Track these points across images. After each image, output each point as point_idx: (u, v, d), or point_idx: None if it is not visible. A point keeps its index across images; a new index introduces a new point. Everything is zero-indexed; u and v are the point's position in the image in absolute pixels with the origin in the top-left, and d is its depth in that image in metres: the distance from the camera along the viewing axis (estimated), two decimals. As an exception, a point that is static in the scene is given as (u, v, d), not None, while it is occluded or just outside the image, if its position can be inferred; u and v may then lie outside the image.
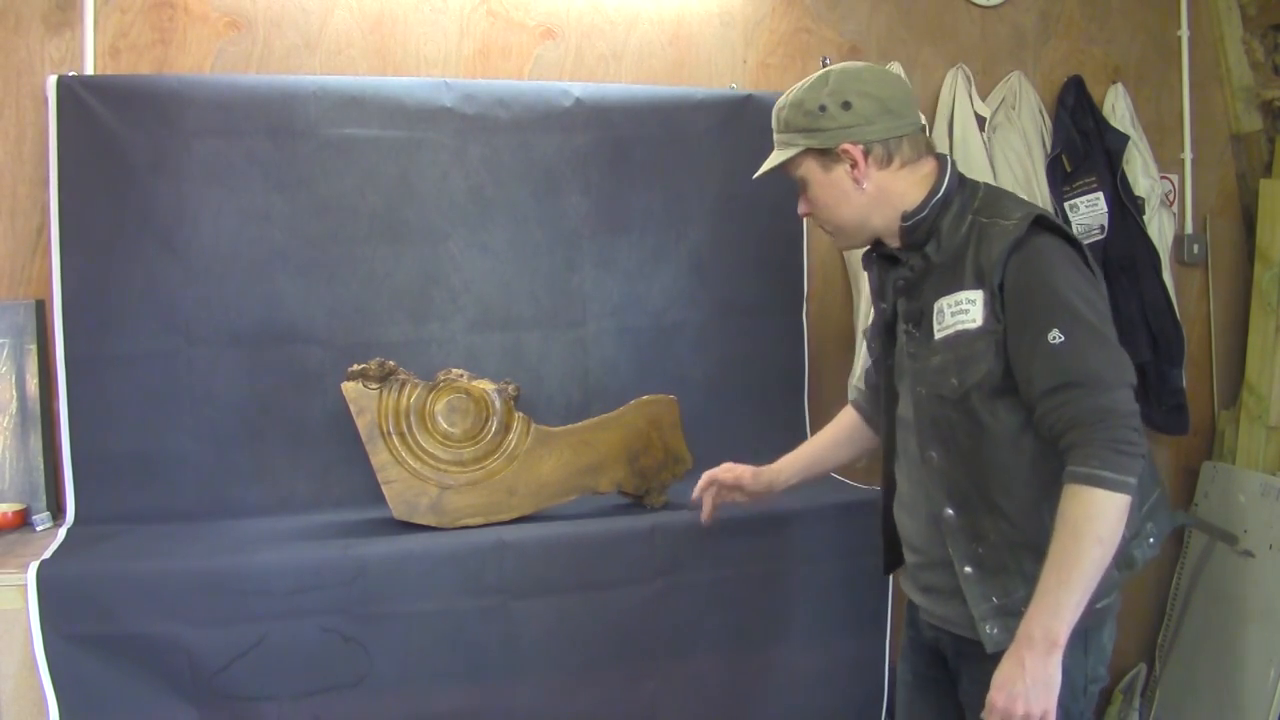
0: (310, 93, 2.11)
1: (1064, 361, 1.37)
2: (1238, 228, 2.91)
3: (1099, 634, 1.52)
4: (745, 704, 2.00)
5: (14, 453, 2.02)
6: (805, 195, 1.59)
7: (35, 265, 2.07)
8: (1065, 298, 1.39)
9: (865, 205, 1.54)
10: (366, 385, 1.90)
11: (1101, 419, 1.35)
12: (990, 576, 1.49)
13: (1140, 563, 1.53)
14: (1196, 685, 2.69)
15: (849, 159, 1.51)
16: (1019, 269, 1.42)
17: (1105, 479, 1.33)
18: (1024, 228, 1.42)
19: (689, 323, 2.35)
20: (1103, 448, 1.34)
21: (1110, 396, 1.36)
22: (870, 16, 2.57)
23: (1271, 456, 2.71)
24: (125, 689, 1.68)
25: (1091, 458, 1.34)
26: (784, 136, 1.57)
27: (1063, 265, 1.42)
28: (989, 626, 1.48)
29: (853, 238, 1.60)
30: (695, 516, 1.97)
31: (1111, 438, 1.34)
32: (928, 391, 1.51)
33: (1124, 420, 1.36)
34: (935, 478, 1.52)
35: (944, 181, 1.52)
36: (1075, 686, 1.49)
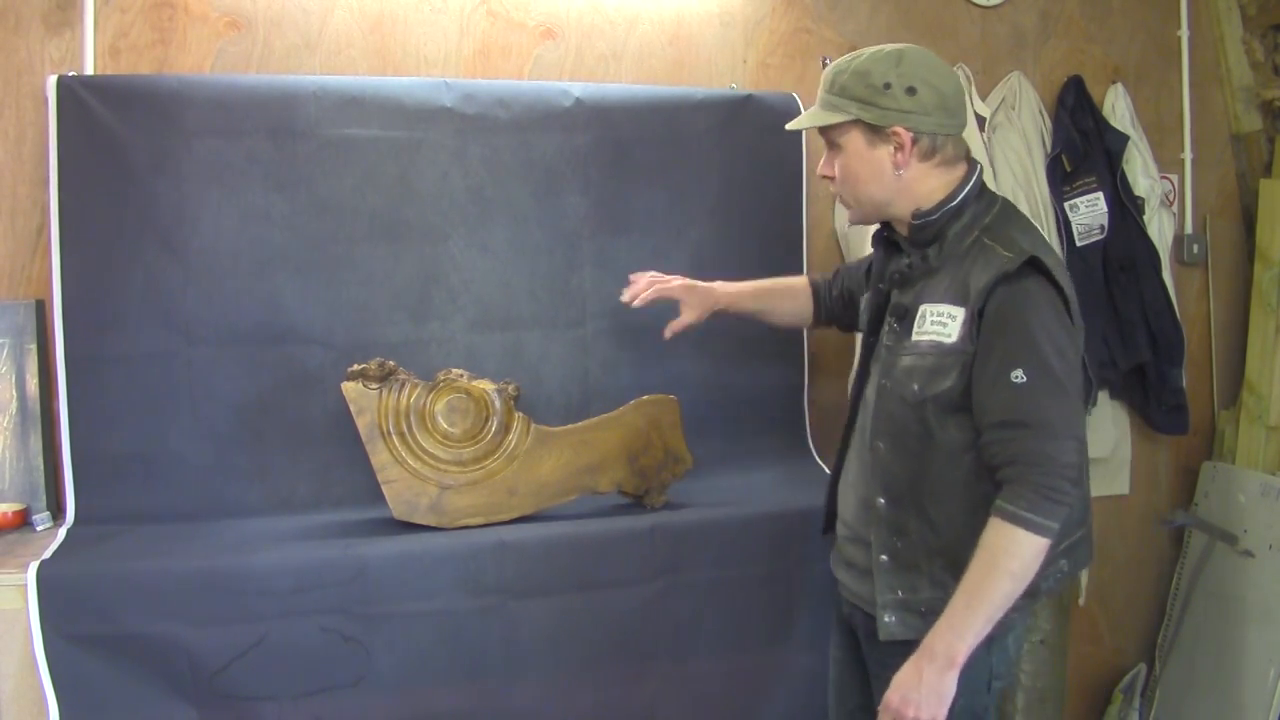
0: (310, 93, 2.11)
1: (1020, 401, 1.43)
2: (1238, 228, 2.91)
3: (1003, 637, 1.56)
4: (745, 704, 2.00)
5: (14, 453, 2.02)
6: (835, 161, 1.60)
7: (35, 265, 2.07)
8: (1037, 341, 1.43)
9: (894, 190, 1.56)
10: (366, 385, 1.90)
11: (1040, 463, 1.41)
12: (901, 571, 1.57)
13: (1043, 591, 1.58)
14: (1196, 685, 2.69)
15: (896, 142, 1.53)
16: (1001, 301, 1.46)
17: (1029, 520, 1.40)
18: (1016, 264, 1.45)
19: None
20: (1034, 491, 1.41)
21: (1055, 445, 1.42)
22: (870, 16, 2.57)
23: (1271, 456, 2.71)
24: (125, 689, 1.68)
25: (1021, 498, 1.41)
26: (836, 99, 1.56)
27: (1043, 310, 1.45)
28: (887, 615, 1.57)
29: (867, 215, 1.64)
30: (695, 516, 1.98)
31: (1045, 484, 1.41)
32: (890, 387, 1.57)
33: (1061, 470, 1.41)
34: (877, 467, 1.59)
35: (963, 190, 1.55)
36: (977, 683, 1.55)
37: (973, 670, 1.51)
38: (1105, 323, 2.61)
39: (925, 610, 1.54)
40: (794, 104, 2.42)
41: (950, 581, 1.50)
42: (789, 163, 2.42)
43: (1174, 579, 2.84)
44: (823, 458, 2.42)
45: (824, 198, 2.52)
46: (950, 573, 1.51)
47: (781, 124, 2.51)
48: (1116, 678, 2.85)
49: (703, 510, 2.01)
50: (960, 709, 1.51)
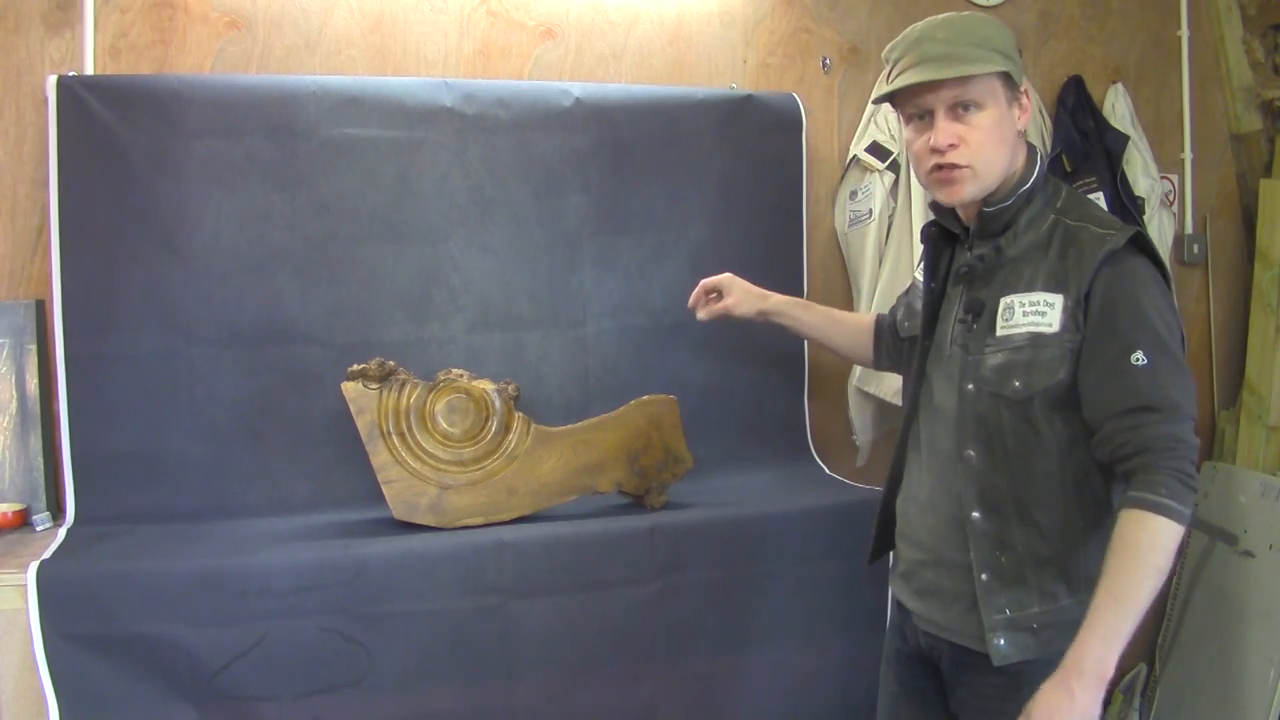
0: (310, 93, 2.11)
1: (1144, 384, 1.34)
2: (1238, 228, 2.91)
3: None
4: (745, 704, 2.00)
5: (14, 453, 2.02)
6: (962, 122, 1.42)
7: (35, 265, 2.07)
8: (1153, 321, 1.36)
9: (1013, 155, 1.46)
10: (366, 385, 1.90)
11: (1172, 448, 1.33)
12: (1007, 588, 1.44)
13: None
14: (1196, 685, 2.69)
15: (1023, 105, 1.45)
16: (1110, 283, 1.37)
17: (1171, 509, 1.30)
18: (1121, 241, 1.37)
19: (689, 323, 2.34)
20: (1171, 477, 1.31)
21: (1183, 427, 1.34)
22: (870, 16, 2.57)
23: (1271, 456, 2.71)
24: (125, 689, 1.67)
25: (1160, 485, 1.30)
26: (979, 50, 1.40)
27: (1152, 288, 1.38)
28: (999, 639, 1.43)
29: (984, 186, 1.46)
30: (695, 516, 1.98)
31: (1179, 468, 1.32)
32: (981, 389, 1.45)
33: (1191, 453, 1.34)
34: (969, 477, 1.46)
35: (1034, 173, 1.47)
36: None
37: None
38: (1105, 323, 2.60)
39: (1038, 627, 1.43)
40: (794, 104, 2.42)
41: (1061, 591, 1.43)
42: (789, 163, 2.42)
43: (1174, 579, 2.84)
44: (823, 458, 2.42)
45: (824, 198, 2.52)
46: (1061, 582, 1.43)
47: (782, 124, 2.51)
48: (1117, 678, 2.84)
49: (703, 510, 2.01)
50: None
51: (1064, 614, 1.42)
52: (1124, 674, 2.84)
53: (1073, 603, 1.42)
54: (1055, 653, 1.36)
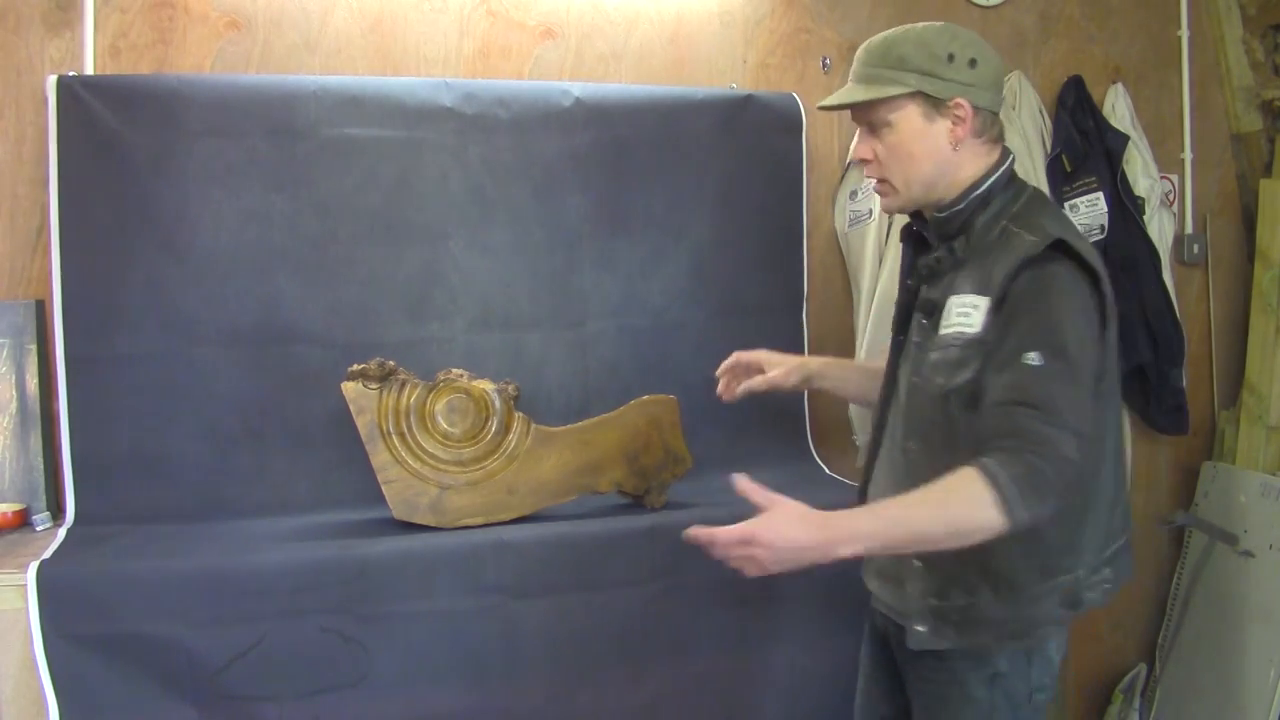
0: (310, 93, 2.11)
1: (1029, 383, 1.33)
2: (1238, 228, 2.91)
3: (1045, 648, 1.50)
4: (745, 704, 2.00)
5: (14, 453, 2.02)
6: (878, 140, 1.49)
7: (35, 265, 2.07)
8: (1059, 327, 1.35)
9: (945, 167, 1.48)
10: (366, 385, 1.90)
11: (1037, 446, 1.30)
12: (934, 578, 1.48)
13: (1085, 605, 1.48)
14: (1196, 685, 2.69)
15: (956, 115, 1.46)
16: (1024, 285, 1.38)
17: (1004, 493, 1.27)
18: (1040, 248, 1.38)
19: (689, 323, 2.35)
20: (1023, 468, 1.29)
21: (1060, 434, 1.30)
22: (870, 16, 2.57)
23: (1271, 456, 2.71)
24: (125, 689, 1.67)
25: (1010, 466, 1.29)
26: (890, 72, 1.46)
27: (1068, 294, 1.37)
28: (919, 623, 1.49)
29: (911, 199, 1.52)
30: (695, 517, 1.97)
31: (1038, 468, 1.29)
32: (919, 384, 1.50)
33: (1057, 461, 1.30)
34: (910, 469, 1.50)
35: (989, 178, 1.48)
36: (1017, 697, 1.49)
37: (1012, 682, 1.46)
38: (1105, 323, 2.60)
39: (958, 620, 1.47)
40: (794, 104, 2.42)
41: (982, 587, 1.45)
42: (789, 163, 2.42)
43: (1174, 579, 2.84)
44: (823, 458, 2.42)
45: (824, 198, 2.52)
46: (983, 579, 1.45)
47: (782, 124, 2.51)
48: (1116, 678, 2.85)
49: (703, 510, 2.00)
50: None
51: (984, 610, 1.45)
52: (1124, 674, 2.84)
53: (993, 600, 1.45)
54: (975, 645, 1.44)
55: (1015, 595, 1.44)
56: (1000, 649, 1.47)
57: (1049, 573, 1.44)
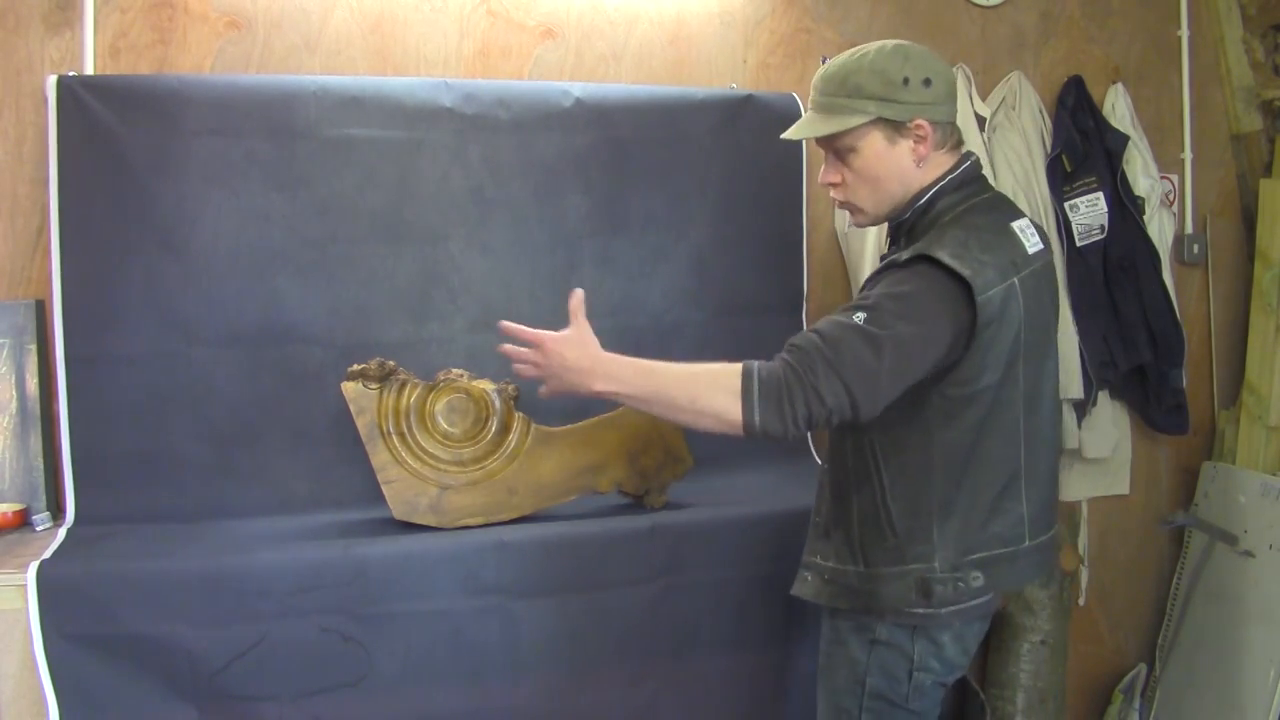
0: (310, 93, 2.11)
1: (839, 328, 1.42)
2: (1238, 228, 2.91)
3: (933, 631, 1.55)
4: (745, 704, 2.00)
5: (14, 453, 2.02)
6: (844, 165, 1.56)
7: (35, 265, 2.07)
8: (890, 309, 1.42)
9: (910, 183, 1.55)
10: (366, 385, 1.90)
11: (804, 371, 1.39)
12: (821, 537, 1.64)
13: (939, 599, 1.52)
14: (1196, 685, 2.69)
15: (918, 135, 1.52)
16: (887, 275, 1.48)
17: (748, 389, 1.40)
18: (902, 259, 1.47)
19: (689, 323, 2.35)
20: (777, 380, 1.40)
21: (827, 374, 1.39)
22: (870, 16, 2.57)
23: (1271, 456, 2.71)
24: (125, 689, 1.68)
25: (768, 371, 1.41)
26: (848, 101, 1.51)
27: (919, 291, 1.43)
28: (804, 573, 1.65)
29: (880, 215, 1.60)
30: (695, 516, 1.98)
31: (788, 383, 1.40)
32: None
33: (812, 397, 1.39)
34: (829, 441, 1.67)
35: (936, 185, 1.54)
36: (895, 669, 1.56)
37: (890, 652, 1.55)
38: (1105, 323, 2.61)
39: (828, 579, 1.61)
40: (794, 104, 2.42)
41: (846, 555, 1.58)
42: (789, 163, 2.43)
43: (1174, 579, 2.84)
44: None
45: (824, 198, 2.52)
46: (846, 548, 1.58)
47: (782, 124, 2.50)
48: (1116, 678, 2.85)
49: (703, 510, 2.01)
50: (871, 689, 1.56)
51: (845, 577, 1.59)
52: (1124, 674, 2.85)
53: (853, 570, 1.58)
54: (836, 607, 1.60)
55: (869, 571, 1.55)
56: (879, 619, 1.56)
57: (899, 558, 1.53)
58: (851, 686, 1.59)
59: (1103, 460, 2.70)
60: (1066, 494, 2.74)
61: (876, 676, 1.56)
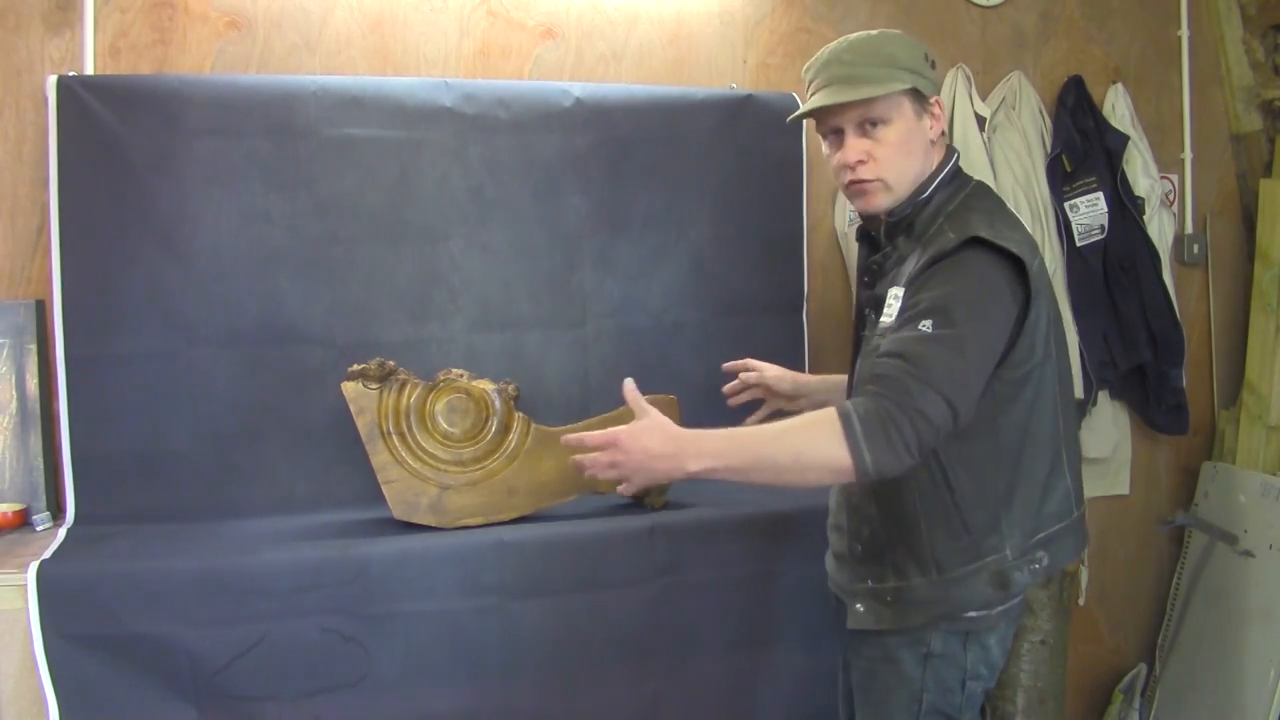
0: (310, 93, 2.11)
1: (913, 343, 1.37)
2: (1238, 228, 2.91)
3: (983, 635, 1.53)
4: (745, 704, 2.00)
5: (14, 453, 2.02)
6: (873, 139, 1.50)
7: (35, 265, 2.07)
8: (951, 300, 1.38)
9: (926, 163, 1.53)
10: (366, 385, 1.90)
11: (901, 397, 1.33)
12: (870, 560, 1.56)
13: (1019, 585, 1.51)
14: (1196, 685, 2.69)
15: (934, 114, 1.53)
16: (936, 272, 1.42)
17: (854, 438, 1.32)
18: (954, 244, 1.42)
19: (689, 323, 2.35)
20: (881, 418, 1.33)
21: (925, 392, 1.33)
22: (870, 16, 2.57)
23: (1271, 456, 2.71)
24: (125, 689, 1.67)
25: (866, 416, 1.33)
26: (884, 71, 1.47)
27: (972, 276, 1.40)
28: (858, 604, 1.57)
29: (897, 196, 1.53)
30: (695, 516, 1.98)
31: (895, 419, 1.32)
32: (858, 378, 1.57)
33: (916, 419, 1.33)
34: None
35: (934, 180, 1.54)
36: (949, 681, 1.53)
37: (945, 664, 1.52)
38: (1105, 323, 2.61)
39: (891, 599, 1.53)
40: (794, 104, 2.42)
41: (912, 570, 1.51)
42: (789, 163, 2.42)
43: (1174, 579, 2.84)
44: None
45: (824, 198, 2.52)
46: (911, 561, 1.51)
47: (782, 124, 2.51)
48: (1116, 678, 2.85)
49: (703, 510, 2.01)
50: (928, 705, 1.53)
51: (915, 591, 1.51)
52: (1124, 674, 2.84)
53: (923, 582, 1.51)
54: (908, 625, 1.51)
55: (943, 576, 1.49)
56: (934, 630, 1.51)
57: (974, 554, 1.49)
58: (908, 705, 1.54)
59: (1102, 460, 2.70)
60: (1066, 494, 2.74)
61: (933, 692, 1.52)
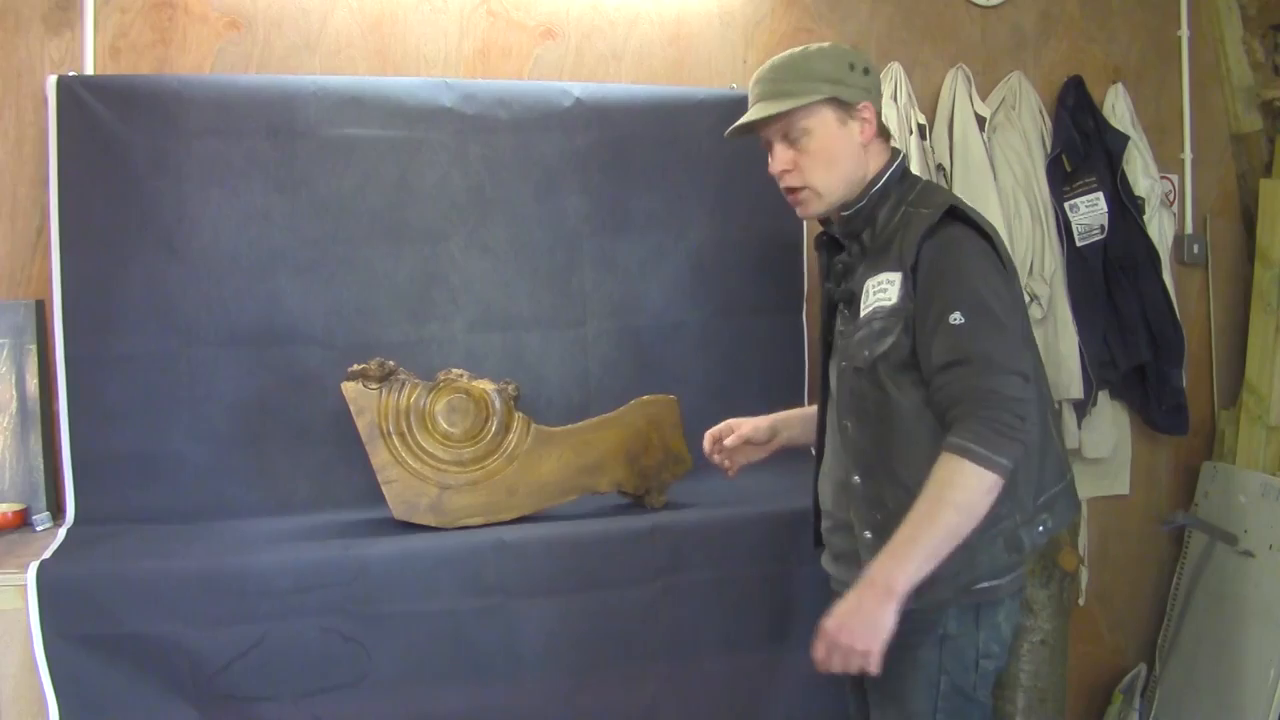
0: (310, 93, 2.11)
1: (959, 341, 1.45)
2: (1238, 228, 2.91)
3: (992, 611, 1.57)
4: (745, 704, 2.00)
5: (14, 453, 2.02)
6: (797, 150, 1.60)
7: (35, 265, 2.07)
8: (972, 284, 1.47)
9: (858, 167, 1.60)
10: (366, 385, 1.90)
11: (983, 398, 1.43)
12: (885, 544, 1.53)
13: (1029, 547, 1.56)
14: (1196, 685, 2.69)
15: (863, 118, 1.59)
16: (933, 253, 1.50)
17: (974, 453, 1.41)
18: (937, 216, 1.51)
19: (689, 323, 2.35)
20: (979, 424, 1.42)
21: (996, 379, 1.43)
22: (870, 16, 2.57)
23: (1271, 456, 2.71)
24: (125, 689, 1.67)
25: (967, 431, 1.42)
26: (801, 84, 1.58)
27: (973, 253, 1.50)
28: None
29: (829, 201, 1.62)
30: (695, 516, 1.98)
31: (990, 416, 1.42)
32: (847, 364, 1.60)
33: (1005, 403, 1.42)
34: (848, 446, 1.61)
35: (885, 174, 1.60)
36: (965, 660, 1.57)
37: (960, 644, 1.54)
38: (1105, 323, 2.61)
39: None
40: (794, 104, 2.42)
41: None
42: (789, 163, 2.42)
43: (1174, 579, 2.84)
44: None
45: (824, 198, 2.52)
46: None
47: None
48: (1116, 678, 2.85)
49: (703, 510, 2.01)
50: (946, 687, 1.55)
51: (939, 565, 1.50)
52: (1124, 674, 2.85)
53: None
54: (927, 604, 1.51)
55: (961, 547, 1.48)
56: (949, 609, 1.54)
57: (989, 522, 1.50)
58: (926, 689, 1.57)
59: (1103, 460, 2.70)
60: (1066, 494, 2.74)
61: (951, 672, 1.56)
